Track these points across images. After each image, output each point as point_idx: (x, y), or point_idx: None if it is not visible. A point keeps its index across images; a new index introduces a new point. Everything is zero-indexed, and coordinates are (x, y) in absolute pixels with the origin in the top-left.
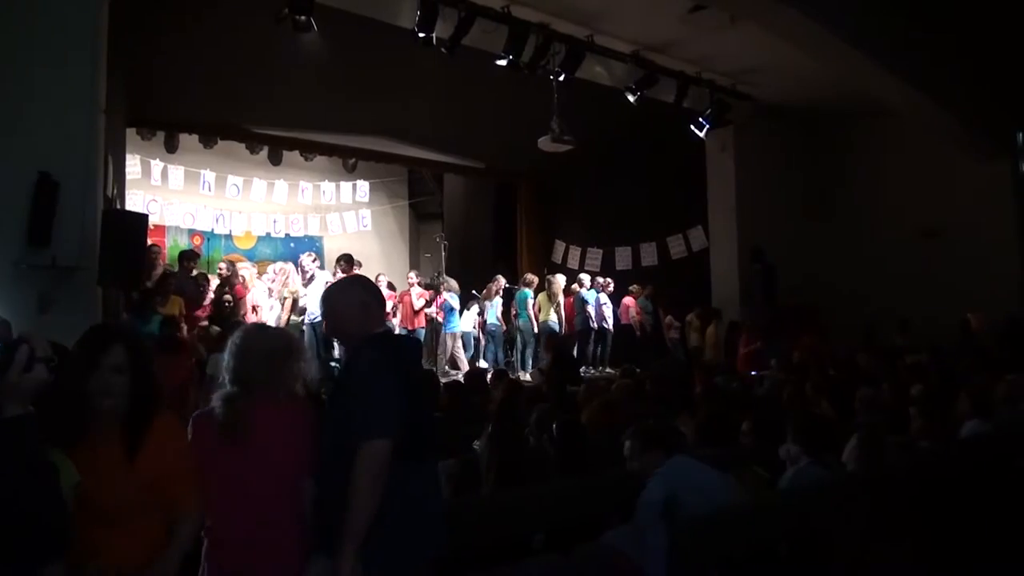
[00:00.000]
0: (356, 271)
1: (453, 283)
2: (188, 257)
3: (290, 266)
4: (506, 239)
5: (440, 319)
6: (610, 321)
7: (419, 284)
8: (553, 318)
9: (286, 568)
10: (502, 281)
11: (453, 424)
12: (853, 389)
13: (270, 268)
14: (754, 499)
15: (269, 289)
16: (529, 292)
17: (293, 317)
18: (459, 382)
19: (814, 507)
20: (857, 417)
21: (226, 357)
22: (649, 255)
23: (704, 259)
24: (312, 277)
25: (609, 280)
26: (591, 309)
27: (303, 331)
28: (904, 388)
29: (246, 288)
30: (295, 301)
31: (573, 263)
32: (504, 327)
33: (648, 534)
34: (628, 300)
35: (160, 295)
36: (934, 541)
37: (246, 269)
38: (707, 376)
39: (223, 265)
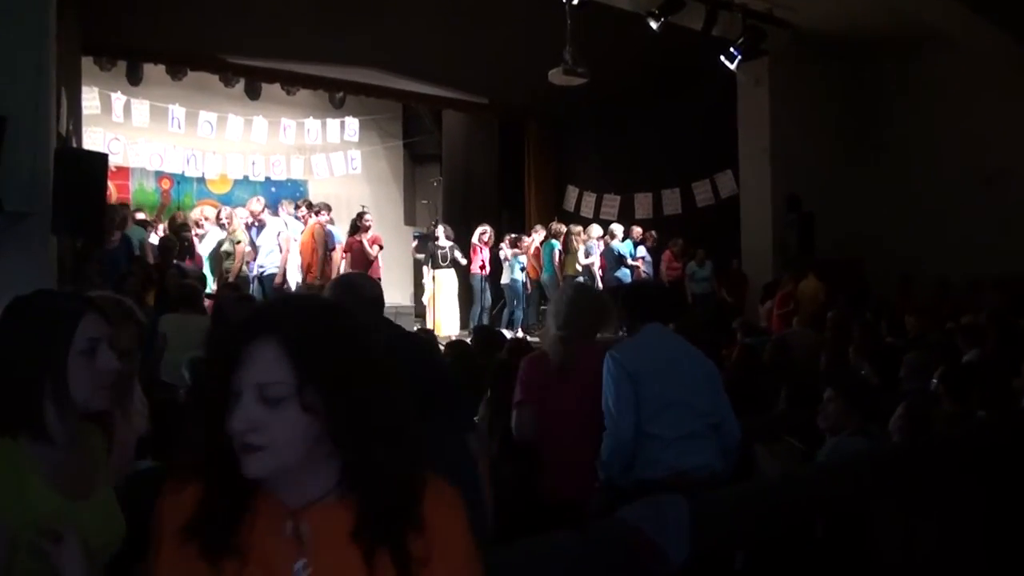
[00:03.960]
0: (321, 216)
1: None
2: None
3: (238, 212)
4: (512, 184)
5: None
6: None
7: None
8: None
9: None
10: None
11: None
12: (900, 353)
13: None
14: (787, 472)
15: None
16: (556, 243)
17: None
18: (463, 342)
19: (855, 482)
20: (904, 384)
21: (556, 306)
22: (672, 203)
23: (734, 207)
24: (263, 225)
25: (652, 232)
26: (630, 263)
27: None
28: (958, 352)
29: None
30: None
31: (587, 211)
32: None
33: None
34: (666, 254)
35: None
36: (986, 520)
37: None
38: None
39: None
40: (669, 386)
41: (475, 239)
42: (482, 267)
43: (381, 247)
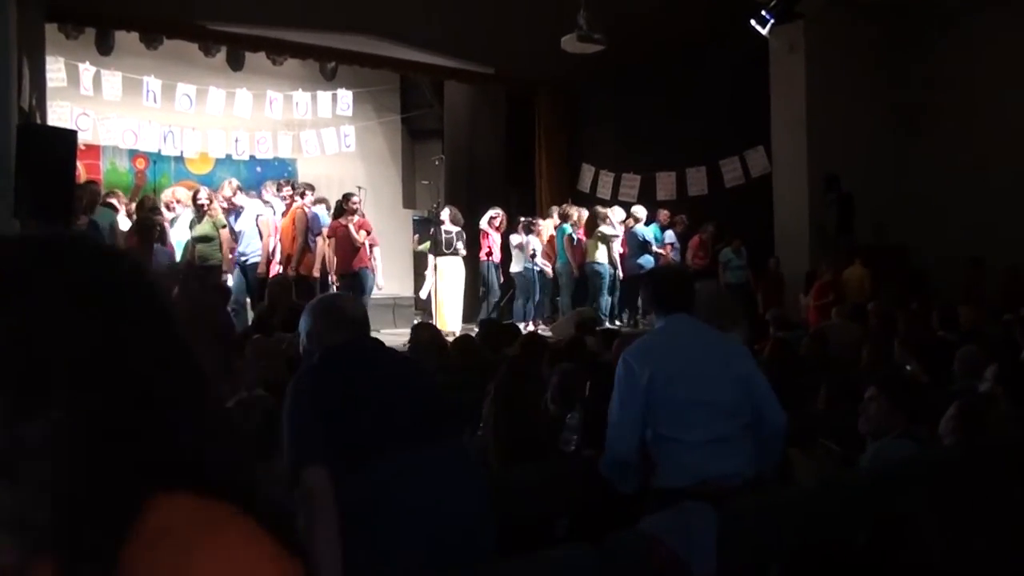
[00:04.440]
0: (306, 198)
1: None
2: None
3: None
4: (521, 163)
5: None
6: None
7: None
8: (602, 259)
9: None
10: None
11: (465, 388)
12: (952, 347)
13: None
14: (824, 479)
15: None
16: (568, 227)
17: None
18: (469, 336)
19: (900, 490)
20: (956, 381)
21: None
22: (698, 182)
23: (766, 187)
24: (241, 208)
25: (683, 216)
26: (656, 249)
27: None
28: (1017, 347)
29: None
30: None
31: (604, 192)
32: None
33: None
34: (694, 241)
35: None
36: None
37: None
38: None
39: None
40: (692, 387)
41: (484, 223)
42: (489, 254)
43: (369, 232)
